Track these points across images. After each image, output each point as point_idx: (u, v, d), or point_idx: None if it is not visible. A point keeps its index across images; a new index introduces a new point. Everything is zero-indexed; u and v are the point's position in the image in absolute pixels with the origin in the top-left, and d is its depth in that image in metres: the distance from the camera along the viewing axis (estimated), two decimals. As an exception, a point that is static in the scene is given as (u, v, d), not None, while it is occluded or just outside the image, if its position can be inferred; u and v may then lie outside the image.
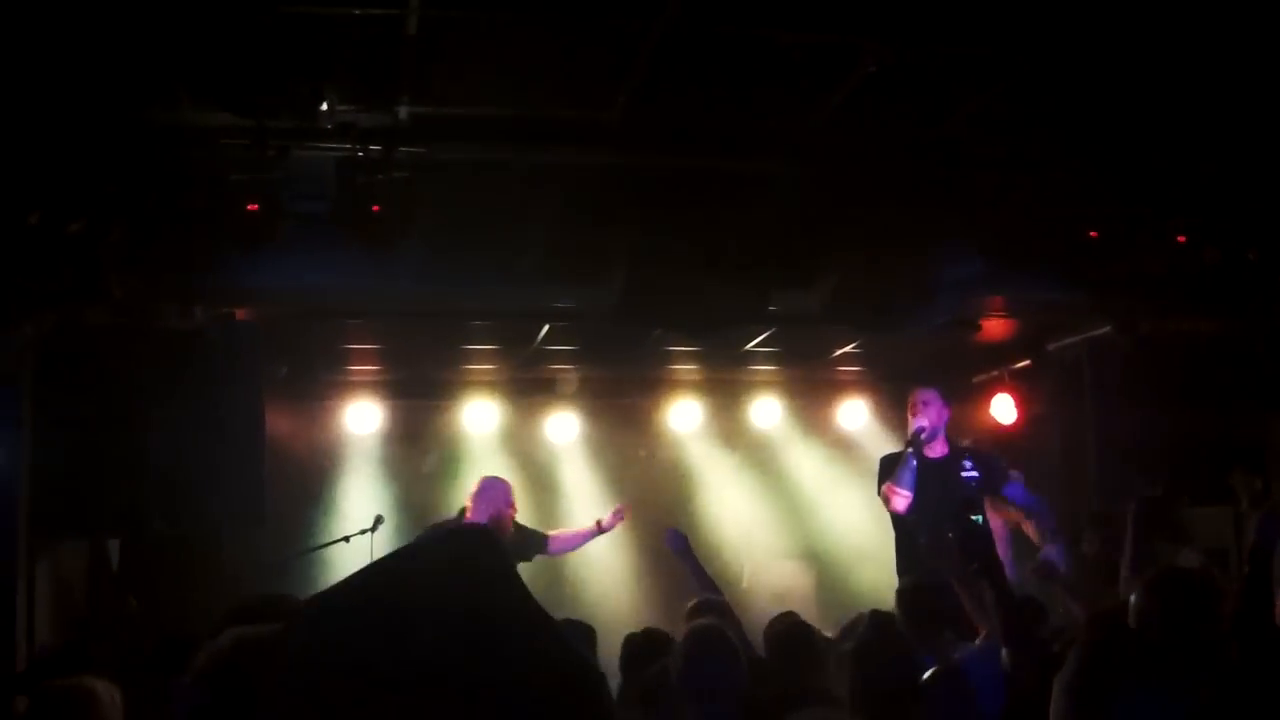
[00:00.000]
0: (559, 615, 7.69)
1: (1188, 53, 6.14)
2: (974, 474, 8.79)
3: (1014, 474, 9.98)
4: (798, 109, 6.83)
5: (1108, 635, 4.05)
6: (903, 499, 8.56)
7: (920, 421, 8.65)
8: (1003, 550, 8.43)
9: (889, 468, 8.84)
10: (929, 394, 8.81)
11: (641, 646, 6.25)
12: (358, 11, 5.57)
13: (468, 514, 9.21)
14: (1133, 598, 4.68)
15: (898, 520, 8.81)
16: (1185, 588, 4.61)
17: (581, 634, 6.88)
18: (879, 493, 8.95)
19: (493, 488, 9.26)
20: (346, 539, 9.50)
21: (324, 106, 6.08)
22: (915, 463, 8.56)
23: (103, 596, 8.43)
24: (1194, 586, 4.67)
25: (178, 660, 4.56)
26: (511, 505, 9.22)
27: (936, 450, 8.74)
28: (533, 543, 9.52)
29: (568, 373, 11.66)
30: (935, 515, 8.62)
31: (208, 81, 5.87)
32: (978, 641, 5.50)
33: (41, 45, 5.56)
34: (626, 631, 6.76)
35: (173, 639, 4.84)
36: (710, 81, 6.42)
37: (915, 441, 8.60)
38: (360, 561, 9.41)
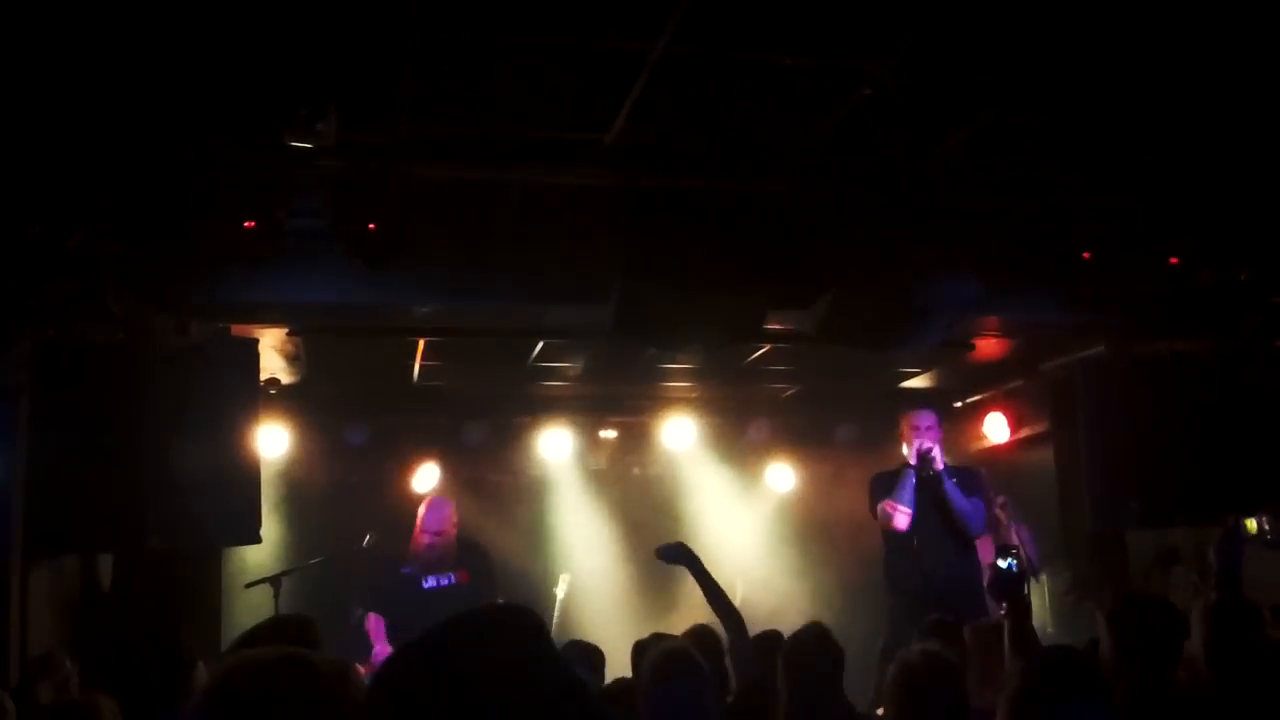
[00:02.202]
0: (564, 638, 7.64)
1: (1180, 77, 6.17)
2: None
3: (1000, 499, 10.06)
4: (794, 131, 6.86)
5: (1050, 657, 4.16)
6: (904, 515, 8.70)
7: (925, 442, 8.78)
8: None
9: (884, 486, 8.94)
10: (929, 416, 8.96)
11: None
12: (358, 30, 5.58)
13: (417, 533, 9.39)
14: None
15: (890, 536, 8.89)
16: (1141, 617, 4.81)
17: (588, 656, 6.86)
18: (872, 509, 9.04)
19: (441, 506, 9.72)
20: (334, 556, 9.53)
21: (322, 124, 6.08)
22: (915, 480, 8.69)
23: (96, 612, 8.41)
24: (1150, 616, 4.85)
25: (174, 678, 4.60)
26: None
27: (929, 469, 8.85)
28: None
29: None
30: (930, 532, 8.73)
31: (207, 98, 5.88)
32: None
33: (40, 59, 5.56)
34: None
35: (168, 657, 4.84)
36: (708, 103, 6.45)
37: (926, 462, 8.71)
38: (349, 578, 9.51)
